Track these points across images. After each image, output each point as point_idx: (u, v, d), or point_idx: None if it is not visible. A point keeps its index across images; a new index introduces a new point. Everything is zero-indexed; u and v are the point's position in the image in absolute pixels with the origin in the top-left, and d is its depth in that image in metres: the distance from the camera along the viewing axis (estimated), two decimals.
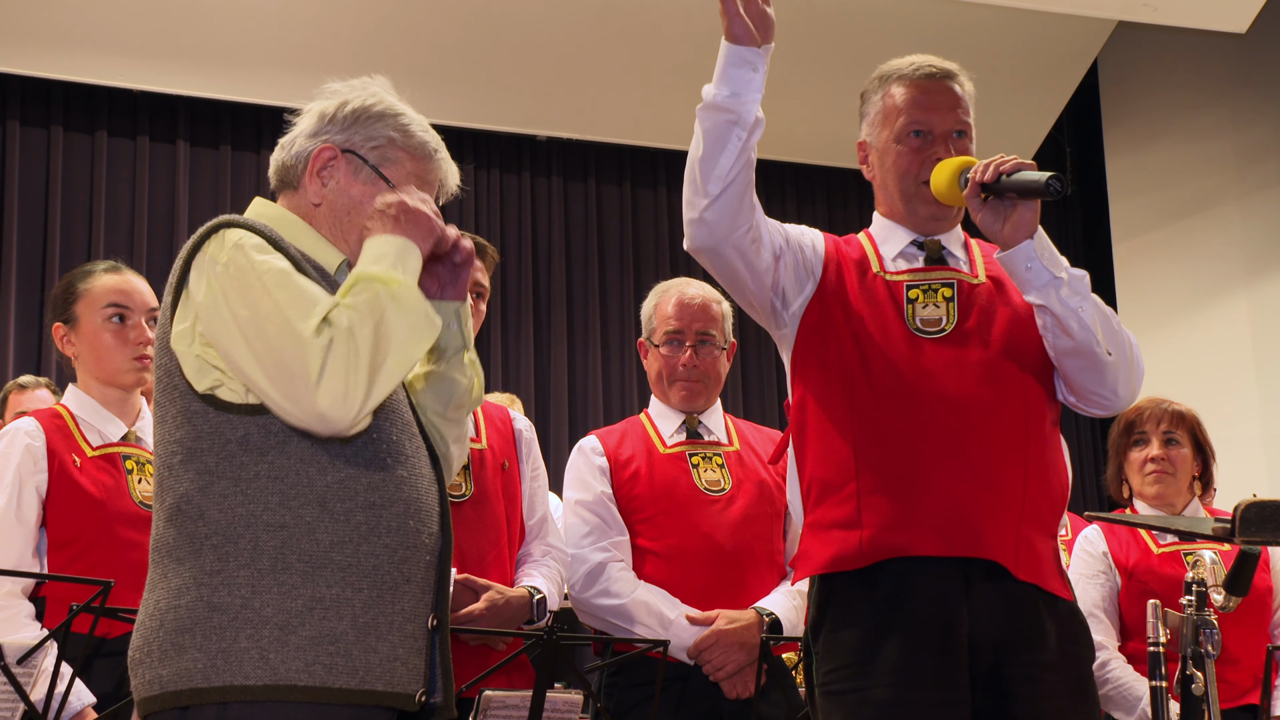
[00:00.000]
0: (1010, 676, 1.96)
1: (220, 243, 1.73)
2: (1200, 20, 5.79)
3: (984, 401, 2.02)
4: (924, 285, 2.11)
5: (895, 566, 1.98)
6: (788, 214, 6.89)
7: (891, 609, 1.97)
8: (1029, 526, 2.02)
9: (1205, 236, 6.65)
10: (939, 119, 2.13)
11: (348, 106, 1.84)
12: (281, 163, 1.87)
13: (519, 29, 5.77)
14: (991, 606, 1.97)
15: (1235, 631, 2.53)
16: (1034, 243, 2.00)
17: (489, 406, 2.83)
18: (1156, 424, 3.04)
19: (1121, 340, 2.04)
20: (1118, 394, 2.05)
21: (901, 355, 2.06)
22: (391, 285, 1.67)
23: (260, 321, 1.66)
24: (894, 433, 2.03)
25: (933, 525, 1.97)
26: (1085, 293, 2.02)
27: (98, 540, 2.52)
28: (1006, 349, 2.06)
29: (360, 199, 1.81)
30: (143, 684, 1.68)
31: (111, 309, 2.64)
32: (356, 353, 1.62)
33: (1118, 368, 2.03)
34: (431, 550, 1.77)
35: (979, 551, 1.97)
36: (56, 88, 5.60)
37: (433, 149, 1.85)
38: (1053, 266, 2.00)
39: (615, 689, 2.75)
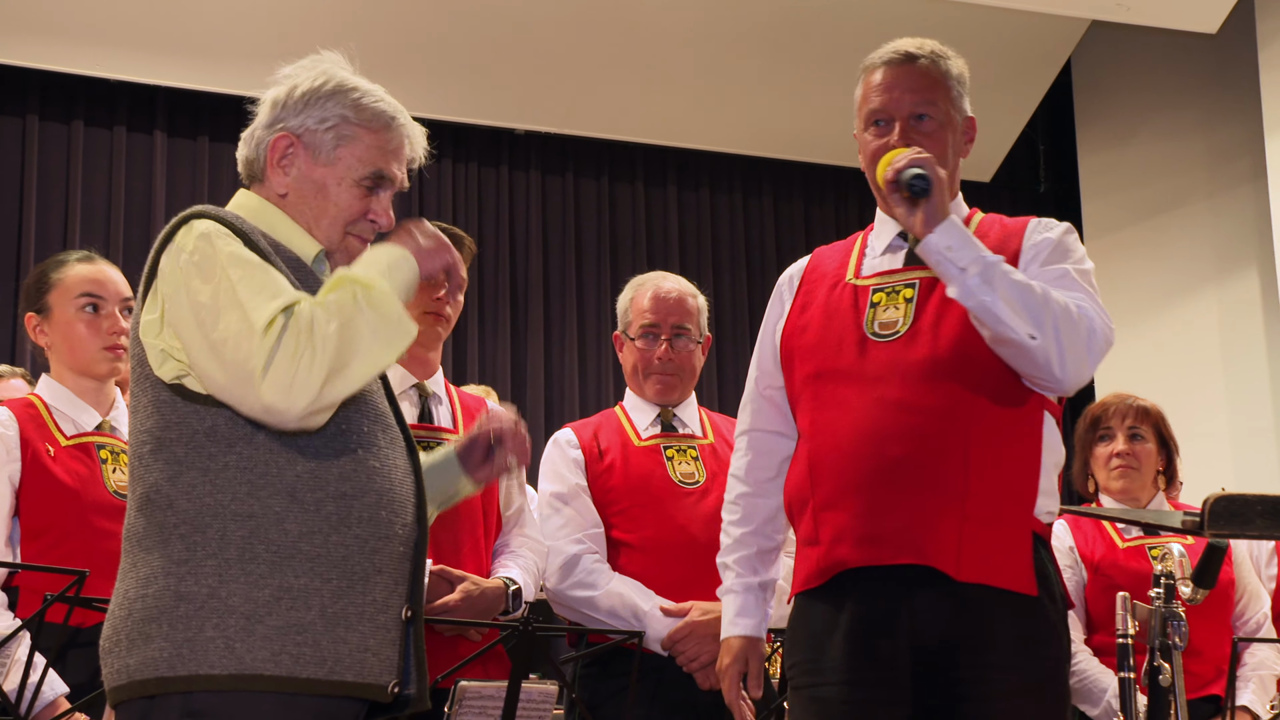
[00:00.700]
0: (958, 678, 1.96)
1: (189, 232, 1.73)
2: (1172, 20, 5.84)
3: (924, 403, 2.00)
4: (888, 288, 2.09)
5: (846, 577, 2.02)
6: (764, 210, 6.91)
7: (838, 612, 2.01)
8: (976, 525, 1.97)
9: (1176, 234, 6.71)
10: (895, 103, 2.10)
11: (298, 90, 1.82)
12: (245, 157, 1.87)
13: (499, 23, 5.77)
14: (934, 609, 1.97)
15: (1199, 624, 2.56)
16: (936, 237, 1.94)
17: (466, 397, 2.84)
18: (1121, 419, 3.08)
19: (1054, 319, 1.93)
20: (1055, 375, 1.95)
21: (851, 363, 2.07)
22: (370, 289, 1.67)
23: (216, 309, 1.65)
24: (839, 444, 2.05)
25: (870, 536, 1.99)
26: (995, 280, 1.92)
27: (72, 530, 2.51)
28: (956, 344, 2.01)
29: (325, 180, 1.81)
30: (111, 673, 1.69)
31: (85, 299, 2.63)
32: (312, 349, 1.61)
33: (1047, 349, 1.92)
34: (405, 541, 1.76)
35: (916, 558, 1.97)
36: (33, 76, 5.56)
37: (389, 117, 1.83)
38: (959, 258, 1.93)
39: (590, 680, 2.77)
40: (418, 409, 2.70)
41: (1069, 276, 2.03)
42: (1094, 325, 1.97)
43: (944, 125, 2.11)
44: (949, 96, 2.13)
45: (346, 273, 1.71)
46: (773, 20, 6.01)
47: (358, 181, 1.82)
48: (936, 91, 2.11)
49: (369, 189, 1.83)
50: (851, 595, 2.01)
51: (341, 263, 1.85)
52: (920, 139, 2.08)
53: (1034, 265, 2.06)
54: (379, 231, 1.88)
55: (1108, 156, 6.94)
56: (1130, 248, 6.83)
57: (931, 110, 2.10)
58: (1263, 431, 6.25)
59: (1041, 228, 2.12)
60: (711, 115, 6.43)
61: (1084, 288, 2.03)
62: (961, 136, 2.16)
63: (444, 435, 2.68)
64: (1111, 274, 6.85)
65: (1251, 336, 6.41)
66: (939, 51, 2.15)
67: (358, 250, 1.85)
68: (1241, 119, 6.38)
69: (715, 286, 6.60)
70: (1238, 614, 3.09)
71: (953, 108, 2.13)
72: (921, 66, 2.11)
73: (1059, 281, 2.01)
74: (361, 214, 1.84)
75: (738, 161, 6.81)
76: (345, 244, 1.85)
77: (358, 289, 1.67)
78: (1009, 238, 2.11)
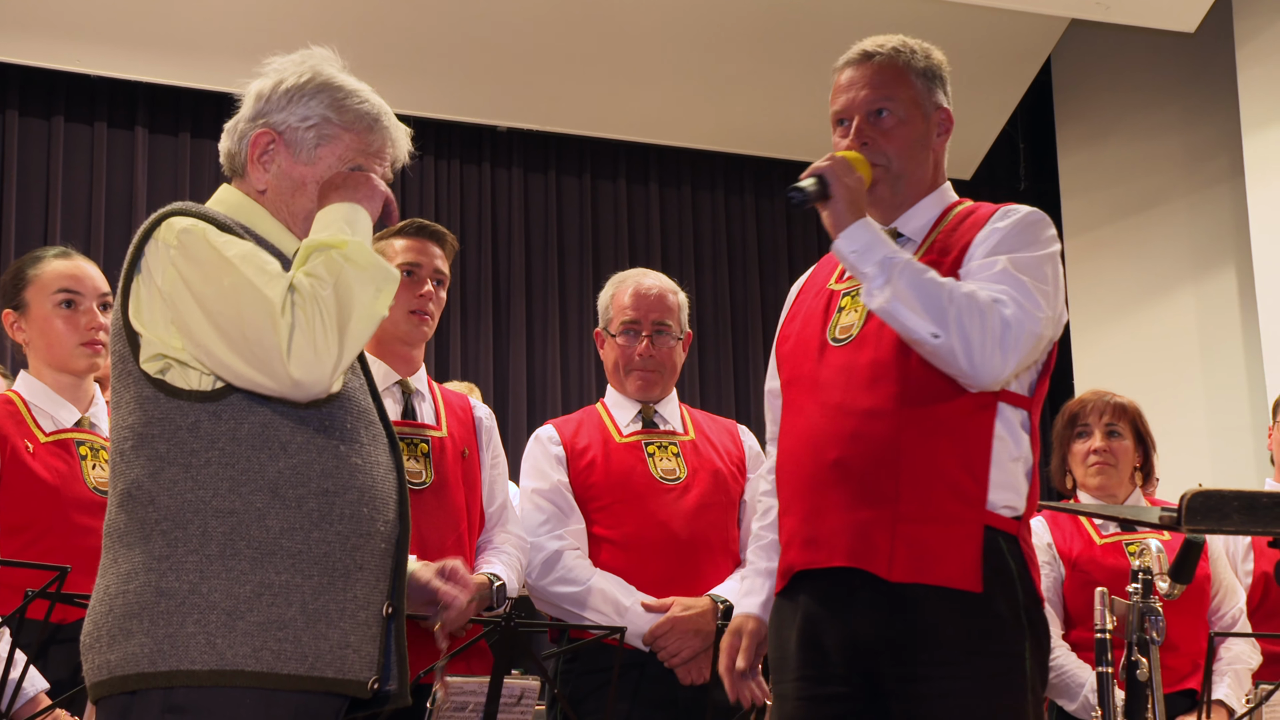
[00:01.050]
0: (902, 675, 1.95)
1: (169, 228, 1.72)
2: (1151, 19, 5.88)
3: (859, 405, 2.00)
4: (854, 292, 2.07)
5: (799, 579, 2.05)
6: (746, 207, 6.93)
7: (793, 613, 2.05)
8: (911, 524, 1.95)
9: (1155, 232, 6.75)
10: (851, 102, 2.09)
11: (283, 85, 1.82)
12: (227, 149, 1.86)
13: (481, 20, 5.76)
14: (871, 609, 1.96)
15: (1176, 619, 2.58)
16: (840, 242, 1.95)
17: (449, 394, 2.84)
18: (1099, 416, 3.09)
19: (955, 314, 1.89)
20: (964, 370, 1.91)
21: (810, 370, 2.08)
22: (342, 247, 1.68)
23: (225, 296, 1.66)
24: (791, 450, 2.08)
25: (814, 540, 2.01)
26: (894, 279, 1.91)
27: (51, 526, 2.51)
28: (899, 345, 1.98)
29: (304, 179, 1.80)
30: (92, 669, 1.69)
31: (61, 294, 2.62)
32: (321, 316, 1.63)
33: (952, 346, 1.89)
34: (387, 538, 1.76)
35: (854, 561, 1.97)
36: (13, 72, 5.53)
37: (373, 118, 1.82)
38: (861, 263, 1.93)
39: (571, 675, 2.78)
40: (401, 406, 2.70)
41: (1003, 269, 1.97)
42: (1007, 317, 1.91)
43: (905, 120, 2.09)
44: (910, 90, 2.10)
45: (314, 240, 1.71)
46: (754, 18, 6.03)
47: None
48: (895, 86, 2.09)
49: None
50: (802, 597, 2.04)
51: None
52: (878, 136, 2.08)
53: (976, 257, 2.02)
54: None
55: (1087, 154, 6.98)
56: (1109, 245, 6.87)
57: (889, 105, 2.09)
58: (1240, 428, 6.30)
59: (999, 216, 2.07)
60: (693, 113, 6.44)
61: (1015, 278, 1.95)
62: (934, 128, 2.13)
63: (427, 432, 2.69)
64: (1090, 271, 6.89)
65: (1229, 334, 6.45)
66: (901, 46, 2.13)
67: None
68: (1219, 117, 6.42)
69: (697, 283, 6.62)
70: (1214, 609, 3.11)
71: (917, 101, 2.11)
72: (878, 62, 2.11)
73: (993, 275, 1.96)
74: None
75: (719, 159, 6.82)
76: None
77: (332, 251, 1.68)
78: (972, 227, 2.08)
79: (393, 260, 2.73)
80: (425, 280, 2.72)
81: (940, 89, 2.16)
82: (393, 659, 1.77)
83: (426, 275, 2.72)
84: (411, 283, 2.71)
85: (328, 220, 1.74)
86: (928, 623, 1.95)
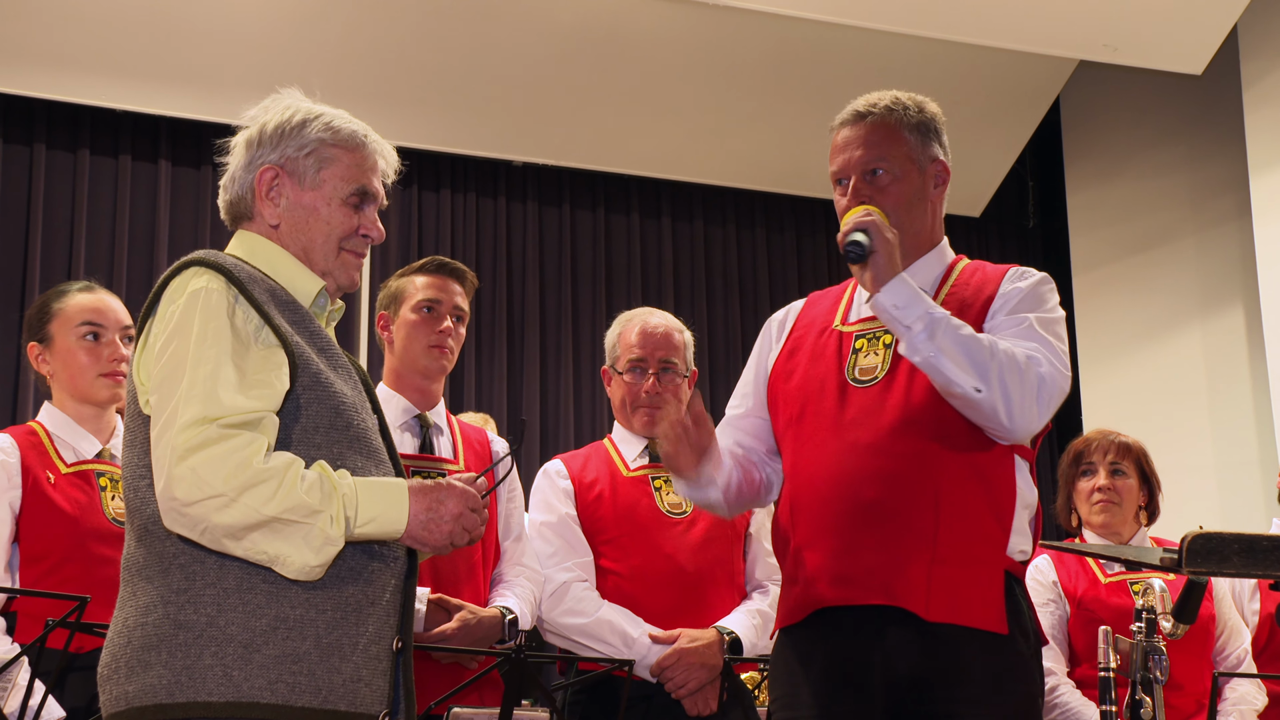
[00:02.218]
0: (931, 712, 2.00)
1: (183, 284, 1.76)
2: (1158, 61, 5.92)
3: (896, 447, 2.05)
4: (870, 334, 2.14)
5: (823, 614, 2.07)
6: (757, 242, 6.96)
7: (814, 648, 2.07)
8: (945, 567, 2.02)
9: (1162, 270, 6.78)
10: (847, 163, 2.15)
11: (270, 126, 1.87)
12: (229, 201, 1.91)
13: (496, 56, 5.82)
14: (906, 646, 2.01)
15: (1180, 658, 2.60)
16: (883, 295, 2.01)
17: (467, 428, 2.88)
18: (1104, 455, 3.11)
19: (999, 370, 1.97)
20: (1003, 424, 2.00)
21: (831, 407, 2.12)
22: (324, 525, 1.65)
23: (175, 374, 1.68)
24: (817, 487, 2.10)
25: (846, 577, 2.04)
26: (939, 335, 1.98)
27: (70, 556, 2.54)
28: (930, 391, 2.05)
29: (314, 204, 1.85)
30: (110, 700, 1.70)
31: (85, 327, 2.68)
32: (266, 488, 1.62)
33: (993, 402, 1.97)
34: (397, 574, 1.79)
35: (889, 599, 2.01)
36: (39, 106, 5.61)
37: (361, 137, 1.89)
38: (904, 317, 2.00)
39: (579, 707, 2.80)
40: (419, 439, 2.74)
41: (1030, 327, 2.07)
42: (1043, 375, 2.00)
43: (900, 177, 2.15)
44: (904, 147, 2.16)
45: (344, 489, 1.69)
46: (766, 57, 6.09)
47: (344, 200, 1.87)
48: (889, 145, 2.15)
49: (355, 206, 1.88)
50: (827, 632, 2.06)
51: (340, 281, 1.89)
52: (875, 194, 2.13)
53: (1001, 313, 2.11)
54: (371, 244, 1.92)
55: (1095, 193, 7.01)
56: (1117, 282, 6.89)
57: (883, 165, 2.14)
58: (1247, 464, 6.30)
59: (1015, 276, 2.16)
60: (705, 148, 6.49)
61: (1043, 337, 2.06)
62: (930, 180, 2.19)
63: (444, 466, 2.72)
64: (1098, 308, 6.91)
65: (1236, 371, 6.46)
66: (893, 104, 2.17)
67: (354, 266, 1.90)
68: (1226, 158, 6.46)
69: (708, 317, 6.65)
70: (1218, 649, 3.12)
71: (911, 157, 2.16)
72: (871, 122, 2.15)
73: (1021, 331, 2.06)
74: (353, 230, 1.88)
75: (730, 194, 6.86)
76: (341, 260, 1.88)
77: (322, 515, 1.65)
78: (985, 284, 2.16)
79: (413, 296, 2.77)
80: (445, 316, 2.77)
81: (935, 141, 2.20)
82: (401, 692, 1.79)
83: (446, 311, 2.76)
84: (431, 318, 2.75)
85: (373, 514, 1.71)
86: (960, 660, 2.00)
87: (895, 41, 5.65)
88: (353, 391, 1.83)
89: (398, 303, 2.80)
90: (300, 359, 1.75)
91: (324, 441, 1.75)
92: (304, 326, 1.80)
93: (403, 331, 2.78)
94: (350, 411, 1.79)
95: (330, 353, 1.83)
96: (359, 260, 1.91)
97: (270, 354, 1.73)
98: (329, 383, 1.78)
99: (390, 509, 1.72)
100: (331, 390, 1.78)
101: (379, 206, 1.92)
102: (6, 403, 5.32)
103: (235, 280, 1.76)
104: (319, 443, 1.75)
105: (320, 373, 1.77)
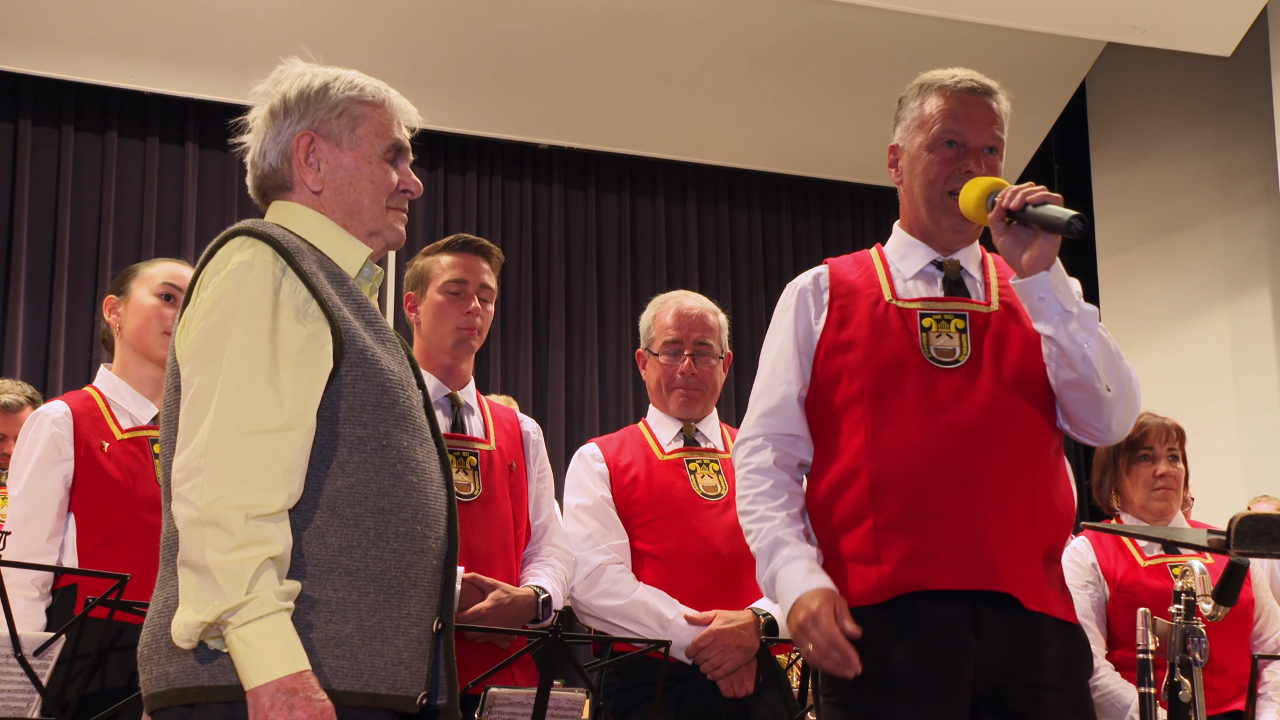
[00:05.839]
0: (1014, 697, 2.01)
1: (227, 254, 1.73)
2: (1186, 43, 5.88)
3: (994, 433, 2.04)
4: (937, 315, 2.12)
5: (912, 597, 2.02)
6: (782, 225, 6.95)
7: (901, 631, 2.02)
8: (1036, 555, 2.04)
9: (1188, 254, 6.74)
10: (974, 132, 2.14)
11: (291, 93, 1.84)
12: (261, 176, 1.86)
13: (523, 39, 5.81)
14: (999, 634, 2.01)
15: (1219, 641, 2.59)
16: (1050, 275, 2.01)
17: (497, 409, 2.88)
18: (1162, 441, 3.09)
19: (1123, 378, 2.05)
20: (1111, 429, 2.07)
21: (917, 387, 2.08)
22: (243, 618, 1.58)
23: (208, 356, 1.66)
24: (909, 466, 2.05)
25: (948, 560, 2.01)
26: (1093, 329, 2.03)
27: (124, 526, 2.56)
28: (1016, 379, 2.07)
29: (355, 164, 1.82)
30: (150, 680, 1.69)
31: (166, 287, 2.75)
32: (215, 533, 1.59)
33: (1115, 404, 2.04)
34: (438, 555, 1.78)
35: (993, 584, 2.01)
36: (68, 88, 5.63)
37: (385, 92, 1.87)
38: (1065, 300, 2.01)
39: (614, 688, 2.80)
40: (450, 419, 2.74)
41: (1105, 341, 2.08)
42: (1138, 393, 2.09)
43: (1001, 160, 2.18)
44: (1004, 134, 2.19)
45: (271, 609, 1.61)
46: (792, 40, 6.06)
47: (382, 156, 1.85)
48: (1003, 128, 2.18)
49: (391, 161, 1.86)
50: (916, 615, 2.02)
51: (390, 239, 1.87)
52: (986, 172, 2.13)
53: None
54: (410, 198, 1.90)
55: (1121, 176, 6.98)
56: (1142, 266, 6.86)
57: (998, 145, 2.17)
58: (1273, 448, 6.28)
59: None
60: (731, 132, 6.48)
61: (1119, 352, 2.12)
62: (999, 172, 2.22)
63: (475, 445, 2.72)
64: (1124, 292, 6.88)
65: (1262, 355, 6.43)
66: (1001, 90, 2.21)
67: (400, 221, 1.87)
68: (1254, 141, 6.42)
69: (733, 301, 6.65)
70: (1256, 633, 3.10)
71: (1005, 145, 2.19)
72: (995, 102, 2.17)
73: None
74: (394, 186, 1.86)
75: (756, 177, 6.85)
76: (389, 218, 1.86)
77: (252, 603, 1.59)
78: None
79: (440, 276, 2.76)
80: (472, 296, 2.75)
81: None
82: (441, 673, 1.79)
83: (473, 291, 2.75)
84: (459, 299, 2.74)
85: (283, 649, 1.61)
86: (1045, 649, 2.03)
87: (921, 24, 5.62)
88: (399, 367, 1.80)
89: (424, 283, 2.78)
90: (347, 335, 1.73)
91: (370, 420, 1.73)
92: (351, 299, 1.78)
93: (430, 312, 2.76)
94: (397, 388, 1.77)
95: (377, 326, 1.80)
96: (403, 216, 1.89)
97: (316, 331, 1.71)
98: (375, 359, 1.76)
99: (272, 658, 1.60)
100: (378, 367, 1.75)
101: (408, 160, 1.90)
102: (38, 382, 5.35)
103: (284, 251, 1.73)
104: (366, 420, 1.73)
105: (367, 349, 1.75)
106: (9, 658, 2.14)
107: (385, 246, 1.88)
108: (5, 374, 5.25)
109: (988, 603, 2.01)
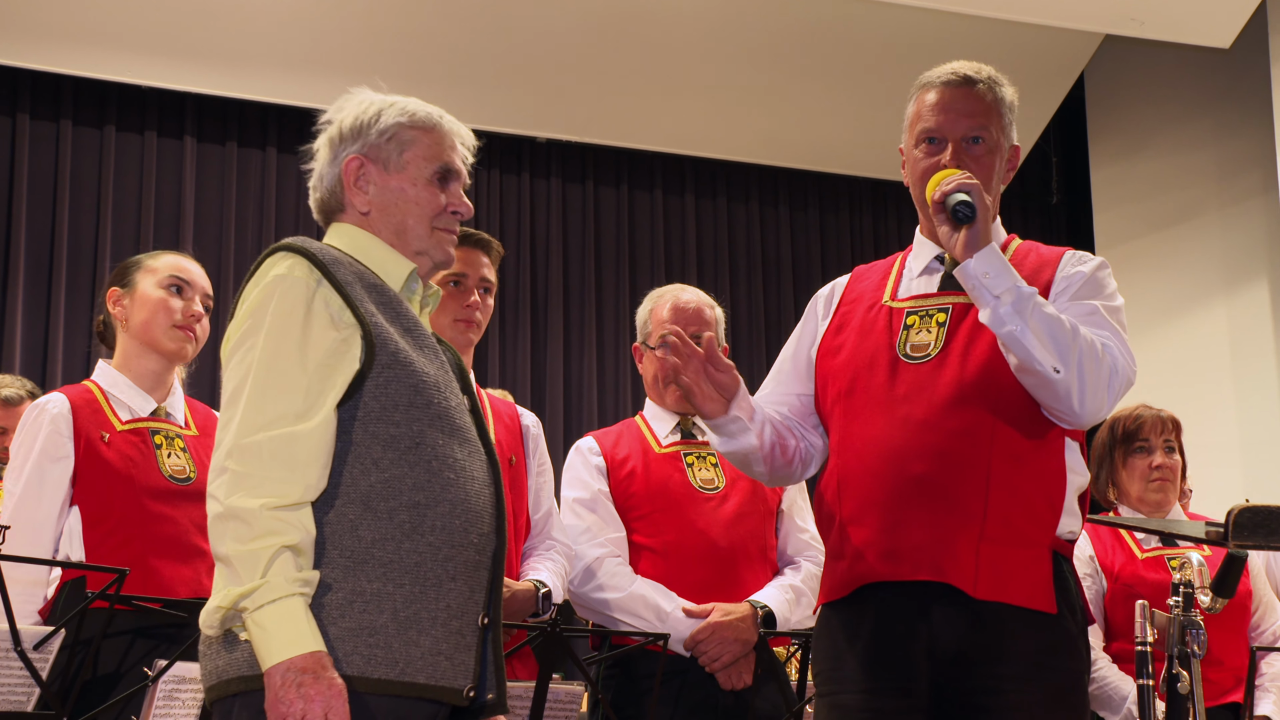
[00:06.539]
0: (973, 688, 2.00)
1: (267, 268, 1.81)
2: (1185, 35, 5.88)
3: (947, 424, 2.04)
4: (922, 311, 2.13)
5: (868, 590, 2.07)
6: (780, 219, 6.95)
7: (858, 623, 2.07)
8: (994, 545, 2.01)
9: (1187, 246, 6.75)
10: (950, 125, 2.13)
11: (347, 122, 1.92)
12: (320, 199, 1.95)
13: (522, 32, 5.81)
14: (951, 624, 2.01)
15: (1217, 633, 2.59)
16: (975, 262, 1.98)
17: (497, 402, 2.88)
18: (1159, 433, 3.10)
19: (1076, 354, 1.96)
20: (1075, 411, 1.99)
21: (881, 383, 2.11)
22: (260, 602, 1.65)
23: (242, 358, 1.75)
24: (865, 461, 2.09)
25: (894, 553, 2.03)
26: (1025, 310, 1.96)
27: (127, 516, 2.56)
28: (985, 369, 2.05)
29: (401, 186, 1.89)
30: (207, 674, 1.76)
31: (173, 279, 2.73)
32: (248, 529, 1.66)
33: (1069, 384, 1.96)
34: (481, 550, 1.80)
35: (935, 575, 2.01)
36: (66, 82, 5.63)
37: (437, 118, 1.93)
38: (994, 286, 1.97)
39: (613, 681, 2.81)
40: None
41: (1098, 313, 2.06)
42: (1116, 364, 2.01)
43: (992, 151, 2.16)
44: (1000, 123, 2.17)
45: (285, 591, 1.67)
46: (790, 33, 6.06)
47: (430, 179, 1.90)
48: (990, 116, 2.15)
49: (440, 183, 1.91)
50: (872, 607, 2.06)
51: (436, 258, 1.93)
52: (970, 163, 2.12)
53: (1064, 297, 2.10)
54: (461, 220, 1.96)
55: (1120, 169, 6.98)
56: (1141, 259, 6.86)
57: (984, 134, 2.14)
58: (1272, 441, 6.28)
59: (1076, 260, 2.16)
60: (729, 125, 6.48)
61: (1112, 326, 2.06)
62: (1005, 163, 2.20)
63: None
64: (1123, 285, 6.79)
65: (1261, 347, 6.44)
66: (995, 77, 2.18)
67: (448, 242, 1.93)
68: (1253, 133, 6.42)
69: (731, 294, 6.65)
70: (1254, 625, 3.12)
71: (1002, 134, 2.17)
72: (979, 91, 2.15)
73: (1088, 318, 2.05)
74: (442, 208, 1.91)
75: (754, 171, 6.85)
76: (435, 238, 1.92)
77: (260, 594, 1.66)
78: (1043, 267, 2.15)
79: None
80: (472, 290, 2.76)
81: (1013, 125, 2.22)
82: (489, 669, 1.81)
83: (473, 284, 2.76)
84: (458, 292, 2.74)
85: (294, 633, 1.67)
86: (1004, 639, 2.00)
87: (919, 17, 5.62)
88: (436, 370, 1.84)
89: None
90: (378, 339, 1.78)
91: (404, 419, 1.77)
92: (390, 308, 1.83)
93: None
94: (431, 390, 1.81)
95: (416, 333, 1.85)
96: (452, 237, 1.94)
97: (347, 336, 1.78)
98: (409, 361, 1.80)
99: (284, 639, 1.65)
100: (412, 369, 1.80)
101: (463, 185, 1.96)
102: (36, 376, 5.35)
103: (319, 263, 1.80)
104: (399, 419, 1.77)
105: (400, 351, 1.80)
106: (9, 652, 2.14)
107: (433, 265, 1.94)
108: (4, 368, 5.26)
109: (938, 594, 2.02)
